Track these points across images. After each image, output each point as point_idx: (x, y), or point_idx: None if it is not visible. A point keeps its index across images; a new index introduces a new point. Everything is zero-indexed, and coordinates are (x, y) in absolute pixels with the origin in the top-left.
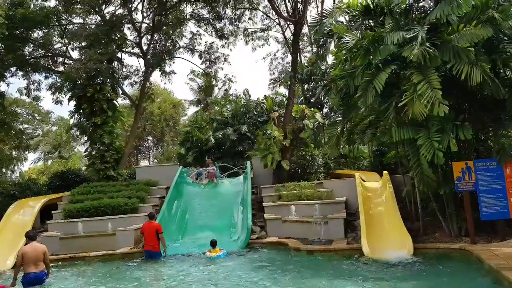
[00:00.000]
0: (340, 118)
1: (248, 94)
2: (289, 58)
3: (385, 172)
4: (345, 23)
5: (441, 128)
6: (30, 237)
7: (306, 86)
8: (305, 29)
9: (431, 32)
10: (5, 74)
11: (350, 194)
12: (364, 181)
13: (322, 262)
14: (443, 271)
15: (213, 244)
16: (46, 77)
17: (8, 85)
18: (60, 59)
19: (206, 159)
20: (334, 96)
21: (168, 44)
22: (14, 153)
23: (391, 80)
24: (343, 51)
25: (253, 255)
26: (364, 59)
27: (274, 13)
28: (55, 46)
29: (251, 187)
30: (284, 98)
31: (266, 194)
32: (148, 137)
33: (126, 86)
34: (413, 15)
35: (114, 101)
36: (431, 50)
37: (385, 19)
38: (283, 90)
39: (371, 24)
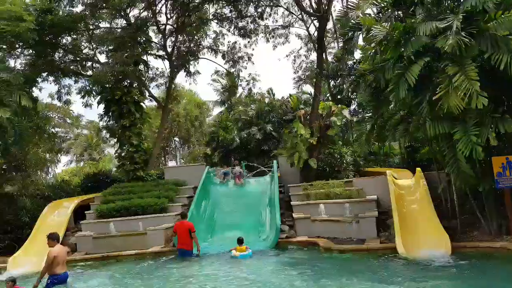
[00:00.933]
0: (370, 114)
1: (272, 93)
2: (313, 55)
3: (418, 169)
4: (373, 15)
5: (479, 121)
6: (57, 238)
7: (332, 83)
8: (329, 25)
9: (466, 21)
10: (37, 79)
11: (382, 192)
12: (396, 179)
13: (355, 262)
14: (485, 271)
15: (240, 241)
16: (75, 81)
17: (40, 90)
18: (89, 63)
19: (232, 159)
20: (363, 91)
21: (192, 45)
22: (47, 156)
23: (424, 72)
24: (373, 44)
25: (283, 254)
26: (395, 52)
27: (297, 8)
28: (84, 51)
29: (278, 186)
30: (310, 96)
31: (293, 193)
32: (174, 138)
33: (153, 88)
34: (446, 3)
35: (141, 103)
36: (466, 40)
37: (416, 9)
38: (308, 88)
39: (401, 15)
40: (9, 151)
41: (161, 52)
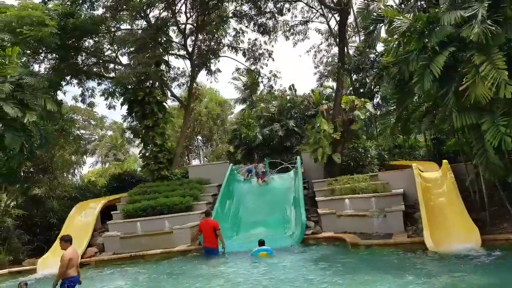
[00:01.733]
0: (394, 107)
1: (294, 89)
2: (334, 50)
3: (444, 161)
4: (395, 7)
5: (507, 111)
6: (70, 240)
7: (354, 77)
8: (350, 19)
9: (492, 9)
10: (61, 83)
11: (408, 186)
12: (422, 172)
13: (383, 257)
14: None
15: (261, 243)
16: (99, 84)
17: (64, 93)
18: (111, 65)
19: (255, 157)
20: (387, 84)
21: (212, 44)
22: (73, 158)
23: (449, 63)
24: (396, 36)
25: (310, 250)
26: (419, 43)
27: (316, 3)
28: (106, 53)
29: (302, 182)
30: (332, 91)
31: (318, 189)
32: (197, 137)
33: (174, 88)
34: None
35: (164, 103)
36: (493, 28)
37: None
38: (330, 83)
39: (424, 5)
40: (35, 154)
41: (182, 52)
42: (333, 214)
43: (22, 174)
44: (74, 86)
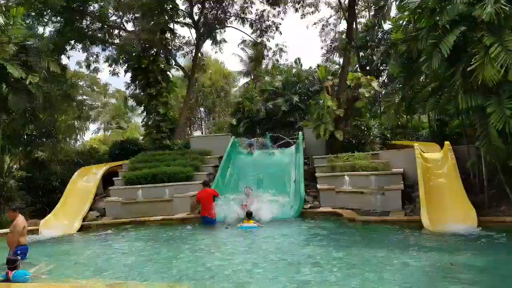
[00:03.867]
0: (399, 86)
1: (299, 63)
2: (342, 25)
3: (446, 142)
4: None
5: None
6: (18, 209)
7: (361, 54)
8: None
9: None
10: (66, 47)
11: (408, 165)
12: (424, 152)
13: (379, 233)
14: (511, 244)
15: (249, 215)
16: (103, 49)
17: (68, 58)
18: (116, 31)
19: (258, 131)
20: (394, 62)
21: (219, 12)
22: (76, 123)
23: (458, 43)
24: (406, 13)
25: (307, 223)
26: (430, 20)
27: None
28: (111, 19)
29: (303, 158)
30: (338, 67)
31: (318, 165)
32: (200, 108)
33: (179, 58)
34: None
35: (168, 72)
36: (506, 8)
37: None
38: (336, 58)
39: None
40: (38, 117)
41: (187, 20)
42: (332, 190)
43: (25, 137)
44: (78, 51)
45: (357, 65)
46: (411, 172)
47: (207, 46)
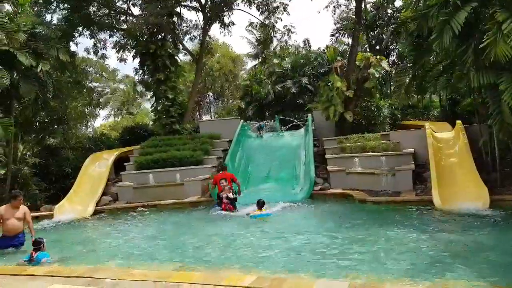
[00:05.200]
0: (410, 65)
1: (308, 44)
2: (354, 4)
3: (458, 121)
4: None
5: None
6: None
7: (370, 33)
8: None
9: None
10: (74, 33)
11: (419, 145)
12: (435, 132)
13: (389, 213)
14: None
15: (260, 204)
16: (110, 36)
17: (77, 45)
18: (123, 17)
19: (267, 114)
20: (404, 40)
21: None
22: (86, 110)
23: (470, 19)
24: None
25: (317, 205)
26: None
27: None
28: (117, 4)
29: (312, 140)
30: (347, 47)
31: (328, 147)
32: (208, 93)
33: (186, 42)
34: None
35: (176, 57)
36: None
37: None
38: (345, 39)
39: None
40: (49, 104)
41: (194, 4)
42: (342, 171)
43: (37, 124)
44: (86, 37)
45: (366, 45)
46: (422, 152)
47: (215, 29)
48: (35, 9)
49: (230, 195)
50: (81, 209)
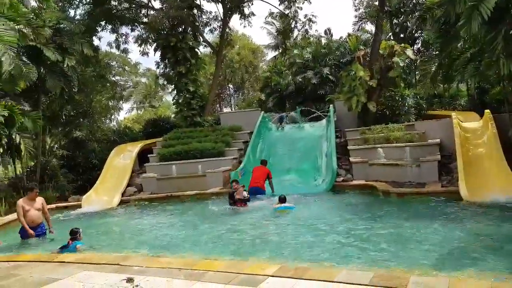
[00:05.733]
0: (436, 53)
1: (330, 33)
2: None
3: (486, 111)
4: None
5: None
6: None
7: (394, 21)
8: None
9: None
10: (96, 28)
11: (445, 136)
12: (462, 122)
13: (415, 205)
14: None
15: (281, 200)
16: (132, 30)
17: (99, 39)
18: (144, 10)
19: (287, 105)
20: (430, 27)
21: None
22: (110, 103)
23: (500, 3)
24: None
25: (339, 196)
26: None
27: None
28: None
29: (334, 131)
30: (370, 36)
31: (350, 138)
32: (229, 85)
33: (207, 34)
34: None
35: (196, 49)
36: None
37: None
38: (368, 27)
39: None
40: (74, 98)
41: None
42: (365, 162)
43: (63, 117)
44: (108, 32)
45: (390, 33)
46: (448, 142)
47: (234, 20)
48: (59, 4)
49: (244, 194)
50: (107, 199)
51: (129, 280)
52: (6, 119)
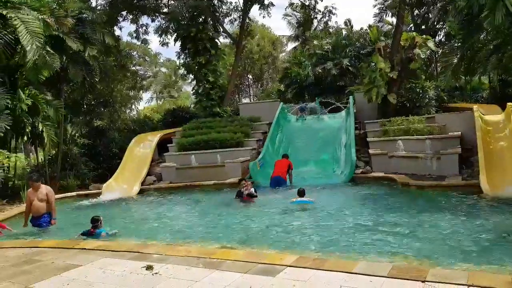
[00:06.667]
0: (458, 45)
1: (350, 24)
2: None
3: (509, 103)
4: None
5: None
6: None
7: (416, 12)
8: None
9: None
10: (118, 18)
11: (466, 129)
12: (484, 115)
13: (435, 198)
14: None
15: (300, 193)
16: (152, 20)
17: (120, 29)
18: (164, 0)
19: (306, 96)
20: (453, 18)
21: None
22: (130, 93)
23: None
24: None
25: (358, 188)
26: None
27: None
28: None
29: (354, 122)
30: (391, 27)
31: (370, 130)
32: (248, 76)
33: (226, 24)
34: None
35: (216, 40)
36: None
37: None
38: (389, 18)
39: None
40: (96, 87)
41: None
42: (384, 155)
43: (85, 106)
44: (129, 22)
45: (411, 24)
46: (469, 135)
47: (254, 11)
48: None
49: (252, 190)
50: (127, 188)
51: (149, 267)
52: (30, 107)
